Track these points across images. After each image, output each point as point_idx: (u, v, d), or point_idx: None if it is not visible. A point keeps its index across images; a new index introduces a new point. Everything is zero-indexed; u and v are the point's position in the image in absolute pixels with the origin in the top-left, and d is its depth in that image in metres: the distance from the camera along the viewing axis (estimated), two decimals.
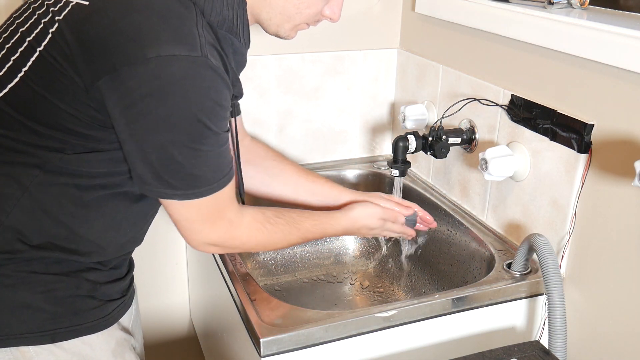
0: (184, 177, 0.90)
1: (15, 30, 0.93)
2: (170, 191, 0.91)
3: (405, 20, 1.65)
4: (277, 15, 1.02)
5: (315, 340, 1.02)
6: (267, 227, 1.06)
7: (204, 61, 0.86)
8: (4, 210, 0.90)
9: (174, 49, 0.84)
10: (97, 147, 0.91)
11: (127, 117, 0.86)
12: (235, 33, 0.98)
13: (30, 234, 0.91)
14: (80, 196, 0.93)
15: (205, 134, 0.89)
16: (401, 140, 1.33)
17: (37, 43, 0.88)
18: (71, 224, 0.93)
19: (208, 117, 0.88)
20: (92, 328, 0.97)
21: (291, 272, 1.57)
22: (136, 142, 0.88)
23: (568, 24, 1.09)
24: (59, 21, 0.88)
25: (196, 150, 0.89)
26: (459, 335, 1.15)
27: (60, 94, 0.87)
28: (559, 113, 1.14)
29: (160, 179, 0.90)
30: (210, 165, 0.92)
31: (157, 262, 1.69)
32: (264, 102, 1.60)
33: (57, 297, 0.94)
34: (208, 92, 0.87)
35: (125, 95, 0.84)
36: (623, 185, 1.04)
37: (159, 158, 0.88)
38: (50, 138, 0.89)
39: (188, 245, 1.04)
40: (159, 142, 0.87)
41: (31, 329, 0.93)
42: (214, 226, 0.98)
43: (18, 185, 0.89)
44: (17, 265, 0.91)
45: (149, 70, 0.83)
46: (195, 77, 0.85)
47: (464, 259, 1.37)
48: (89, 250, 0.96)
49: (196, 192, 0.92)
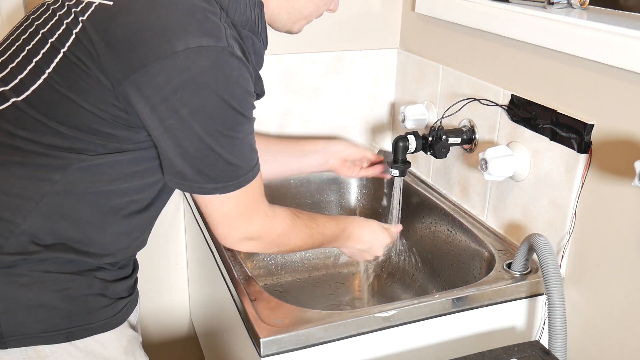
0: (224, 167, 0.92)
1: (35, 31, 0.93)
2: (211, 185, 0.93)
3: (405, 20, 1.65)
4: (296, 14, 1.06)
5: (315, 340, 1.02)
6: (296, 220, 1.09)
7: (230, 51, 0.87)
8: (21, 213, 0.90)
9: (201, 40, 0.85)
10: (120, 147, 0.91)
11: (161, 114, 0.86)
12: (257, 33, 1.00)
13: (44, 236, 0.91)
14: (98, 203, 0.93)
15: (239, 121, 0.91)
16: (401, 140, 1.33)
17: (60, 44, 0.89)
18: (87, 228, 0.94)
19: (239, 103, 0.89)
20: (105, 326, 0.98)
21: (291, 272, 1.58)
22: (173, 137, 0.88)
23: (568, 24, 1.09)
24: (82, 22, 0.88)
25: (232, 138, 0.91)
26: (459, 335, 1.15)
27: (85, 94, 0.87)
28: (559, 113, 1.14)
29: (200, 172, 0.91)
30: (245, 153, 0.94)
31: (157, 262, 1.69)
32: (264, 102, 1.59)
33: (71, 296, 0.94)
34: (237, 79, 0.89)
35: (156, 92, 0.85)
36: (623, 185, 1.04)
37: (198, 150, 0.89)
38: (73, 139, 0.89)
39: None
40: (196, 134, 0.88)
41: (46, 328, 0.93)
42: (252, 219, 1.00)
43: (38, 189, 0.90)
44: (31, 265, 0.91)
45: (179, 63, 0.84)
46: (224, 66, 0.87)
47: (464, 259, 1.37)
48: (100, 252, 0.96)
49: (235, 184, 0.94)
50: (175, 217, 1.66)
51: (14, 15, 1.36)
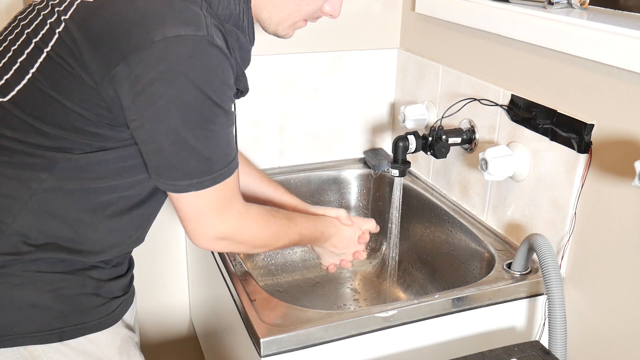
0: (198, 161, 0.90)
1: (21, 32, 0.93)
2: (185, 182, 0.91)
3: (405, 20, 1.65)
4: (277, 14, 1.02)
5: (315, 340, 1.02)
6: (271, 219, 1.07)
7: (210, 40, 0.86)
8: (11, 213, 0.90)
9: (179, 30, 0.84)
10: (104, 145, 0.91)
11: (139, 105, 0.85)
12: (242, 28, 0.98)
13: (35, 235, 0.91)
14: (87, 200, 0.93)
15: (215, 112, 0.89)
16: (401, 140, 1.33)
17: (43, 44, 0.88)
18: (78, 226, 0.94)
19: (217, 95, 0.88)
20: (98, 326, 0.98)
21: (291, 272, 1.57)
22: (148, 130, 0.87)
23: (568, 24, 1.09)
24: (65, 20, 0.88)
25: (208, 131, 0.89)
26: (459, 335, 1.15)
27: (69, 94, 0.87)
28: (559, 113, 1.14)
29: (174, 168, 0.89)
30: (221, 147, 0.92)
31: (157, 262, 1.69)
32: (264, 102, 1.60)
33: (64, 296, 0.94)
34: (216, 70, 0.87)
35: (135, 83, 0.84)
36: (623, 185, 1.04)
37: (172, 143, 0.88)
38: (59, 139, 0.89)
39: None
40: (172, 127, 0.86)
41: (39, 327, 0.93)
42: (224, 217, 0.98)
43: (26, 188, 0.90)
44: (23, 265, 0.91)
45: (156, 53, 0.83)
46: (203, 56, 0.85)
47: (464, 259, 1.37)
48: (93, 250, 0.96)
49: (209, 179, 0.92)
50: (175, 217, 1.65)
51: (12, 10, 1.36)
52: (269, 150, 1.64)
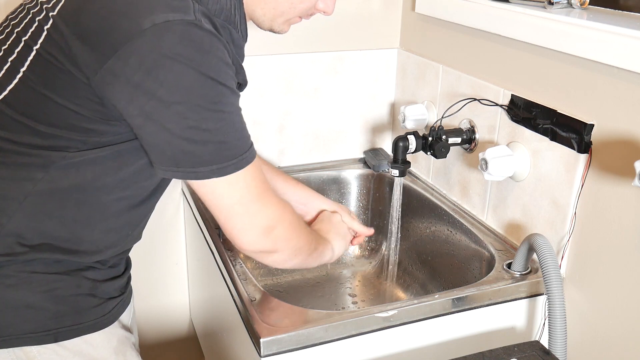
0: (215, 145, 0.87)
1: (11, 31, 0.93)
2: (206, 168, 0.88)
3: (405, 20, 1.65)
4: (270, 11, 1.02)
5: (315, 340, 1.02)
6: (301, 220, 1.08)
7: (198, 24, 0.84)
8: (5, 213, 0.89)
9: (167, 16, 0.82)
10: (100, 142, 0.90)
11: (138, 99, 0.84)
12: (234, 24, 0.97)
13: (31, 236, 0.91)
14: (83, 200, 0.92)
15: (221, 92, 0.87)
16: (401, 140, 1.33)
17: (33, 42, 0.88)
18: (73, 227, 0.93)
19: (217, 73, 0.86)
20: (94, 326, 0.97)
21: (291, 272, 1.57)
22: (155, 122, 0.85)
23: (568, 24, 1.09)
24: (53, 17, 0.87)
25: (218, 112, 0.87)
26: (459, 335, 1.15)
27: (61, 91, 0.86)
28: (559, 113, 1.14)
29: (191, 154, 0.87)
30: (236, 129, 0.90)
31: (156, 262, 1.69)
32: (264, 102, 1.60)
33: (59, 296, 0.94)
34: (210, 49, 0.85)
35: (131, 76, 0.82)
36: (623, 185, 1.04)
37: (184, 130, 0.85)
38: (53, 137, 0.88)
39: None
40: (180, 114, 0.84)
41: (34, 328, 0.93)
42: (265, 201, 0.95)
43: (21, 189, 0.89)
44: (18, 266, 0.91)
45: (147, 41, 0.82)
46: (194, 38, 0.84)
47: (464, 259, 1.37)
48: (89, 251, 0.96)
49: (231, 165, 0.89)
50: (175, 217, 1.66)
51: (10, 4, 1.36)
52: (269, 151, 1.64)
